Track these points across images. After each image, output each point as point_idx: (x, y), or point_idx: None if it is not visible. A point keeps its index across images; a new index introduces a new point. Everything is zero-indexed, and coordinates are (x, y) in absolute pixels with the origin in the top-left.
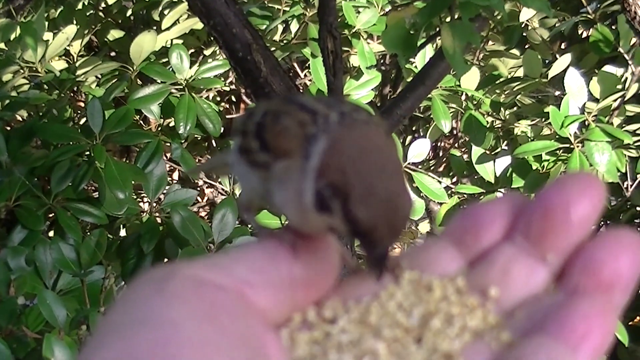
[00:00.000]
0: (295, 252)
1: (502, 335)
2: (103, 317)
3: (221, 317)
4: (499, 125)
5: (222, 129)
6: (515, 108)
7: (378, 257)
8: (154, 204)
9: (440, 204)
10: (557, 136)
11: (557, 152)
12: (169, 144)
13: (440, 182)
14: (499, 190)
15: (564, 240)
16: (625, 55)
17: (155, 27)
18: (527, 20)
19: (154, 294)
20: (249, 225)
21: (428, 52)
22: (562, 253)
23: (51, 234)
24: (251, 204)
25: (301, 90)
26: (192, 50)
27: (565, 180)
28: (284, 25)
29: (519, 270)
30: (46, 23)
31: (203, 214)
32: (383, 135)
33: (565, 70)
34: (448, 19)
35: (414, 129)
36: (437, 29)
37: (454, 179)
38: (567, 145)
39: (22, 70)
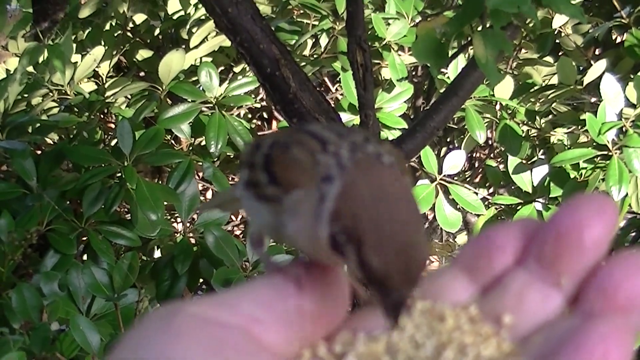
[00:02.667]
0: (303, 286)
1: None
2: (109, 357)
3: (228, 355)
4: (535, 134)
5: None
6: (550, 116)
7: (393, 304)
8: (187, 224)
9: (478, 215)
10: (594, 143)
11: (595, 159)
12: (200, 163)
13: (476, 193)
14: (536, 200)
15: (578, 263)
16: None
17: (183, 46)
18: (560, 27)
19: (159, 333)
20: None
21: (460, 62)
22: (577, 276)
23: (84, 257)
24: (262, 237)
25: (332, 105)
26: (222, 68)
27: (578, 203)
28: (314, 40)
29: (533, 297)
30: (74, 45)
31: (237, 232)
32: (398, 175)
33: (600, 77)
34: (479, 28)
35: (448, 140)
36: (469, 38)
37: (490, 190)
38: (605, 153)
39: (51, 93)
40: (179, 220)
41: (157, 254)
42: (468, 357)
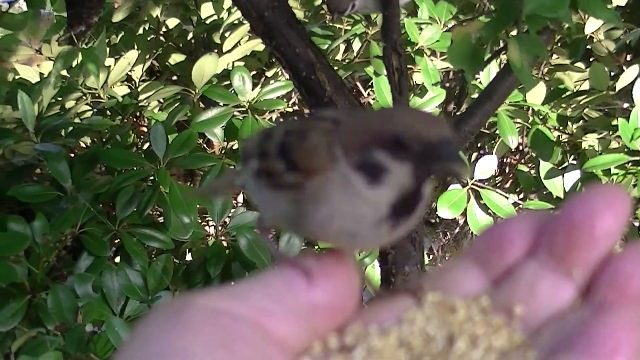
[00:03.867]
0: (314, 278)
1: (528, 354)
2: (120, 351)
3: (238, 346)
4: (566, 140)
5: None
6: (581, 122)
7: (447, 156)
8: (220, 228)
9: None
10: (626, 149)
11: (626, 165)
12: (232, 167)
13: (507, 198)
14: None
15: (589, 254)
16: None
17: (216, 50)
18: (592, 33)
19: (169, 326)
20: (316, 247)
21: (492, 67)
22: (588, 268)
23: (117, 260)
24: (274, 227)
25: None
26: (254, 72)
27: (589, 194)
28: (346, 45)
29: (544, 287)
30: (107, 49)
31: (269, 236)
32: None
33: (633, 82)
34: (514, 33)
35: (479, 145)
36: (503, 43)
37: (521, 196)
38: (637, 158)
39: (84, 97)
40: (211, 223)
41: (189, 257)
42: (479, 348)
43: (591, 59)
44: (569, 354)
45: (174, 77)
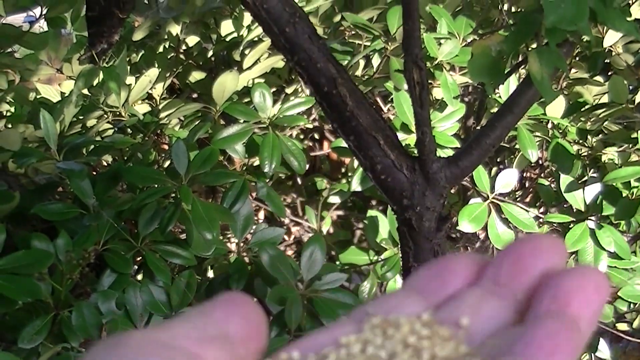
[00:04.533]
0: (229, 312)
1: None
2: None
3: None
4: (585, 153)
5: (307, 166)
6: (601, 135)
7: None
8: (241, 244)
9: (529, 234)
10: None
11: None
12: (253, 183)
13: (527, 212)
14: (589, 218)
15: (533, 282)
16: None
17: (236, 67)
18: (611, 46)
19: (108, 356)
20: (337, 262)
21: (511, 81)
22: (531, 293)
23: (139, 277)
24: None
25: (388, 124)
26: (274, 89)
27: (531, 236)
28: (366, 60)
29: (488, 307)
30: (128, 67)
31: (290, 252)
32: None
33: None
34: (534, 45)
35: (498, 160)
36: (523, 56)
37: (541, 210)
38: None
39: (106, 115)
40: (232, 239)
41: (210, 273)
42: (423, 358)
43: (609, 73)
44: (509, 358)
45: (194, 95)
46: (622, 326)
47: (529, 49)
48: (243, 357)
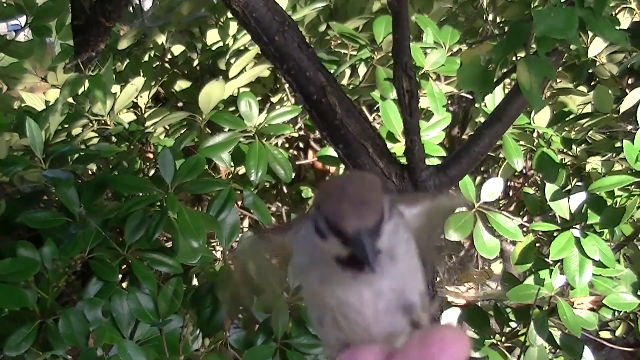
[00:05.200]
0: None
1: None
2: None
3: None
4: (569, 163)
5: (292, 175)
6: (585, 145)
7: (356, 245)
8: (227, 252)
9: (514, 243)
10: (629, 171)
11: (630, 187)
12: (239, 192)
13: (513, 220)
14: (574, 227)
15: None
16: None
17: (222, 76)
18: (595, 56)
19: None
20: None
21: (497, 91)
22: None
23: (124, 284)
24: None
25: (377, 132)
26: (259, 98)
27: (437, 328)
28: (352, 70)
29: None
30: (114, 76)
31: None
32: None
33: (636, 105)
34: (523, 54)
35: (482, 169)
36: (512, 65)
37: (525, 219)
38: None
39: (91, 124)
40: (217, 247)
41: (196, 282)
42: None
43: (592, 83)
44: None
45: (180, 104)
46: (606, 334)
47: (518, 58)
48: None
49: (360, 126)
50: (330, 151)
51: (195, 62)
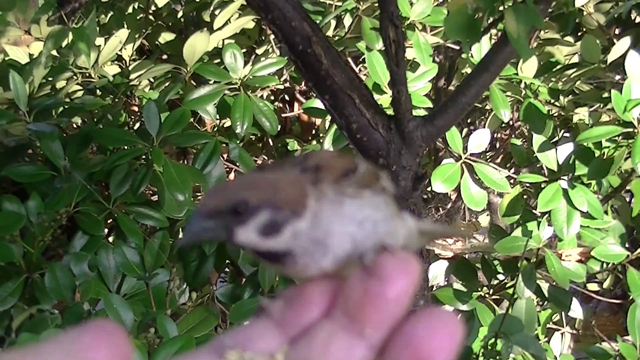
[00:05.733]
0: (99, 341)
1: None
2: None
3: None
4: (557, 114)
5: (278, 127)
6: (572, 95)
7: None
8: None
9: (501, 195)
10: (617, 121)
11: (617, 138)
12: (225, 145)
13: (500, 172)
14: (561, 178)
15: (382, 314)
16: None
17: (206, 28)
18: (582, 6)
19: None
20: None
21: (484, 41)
22: (381, 327)
23: (110, 239)
24: None
25: (364, 83)
26: (244, 50)
27: (385, 259)
28: (337, 20)
29: (338, 346)
30: (97, 28)
31: None
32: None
33: (624, 55)
34: (510, 2)
35: (469, 121)
36: (500, 14)
37: (512, 171)
38: (630, 130)
39: (75, 77)
40: None
41: (181, 235)
42: None
43: (579, 33)
44: None
45: (164, 56)
46: (593, 286)
47: (505, 6)
48: None
49: (346, 77)
50: (317, 103)
51: (180, 14)
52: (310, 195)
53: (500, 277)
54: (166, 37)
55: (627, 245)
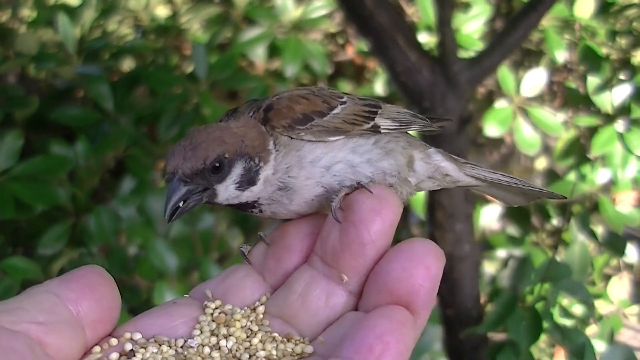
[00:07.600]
0: (80, 293)
1: None
2: None
3: None
4: (614, 57)
5: (330, 71)
6: (630, 36)
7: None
8: None
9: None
10: None
11: None
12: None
13: (555, 115)
14: (617, 121)
15: (359, 259)
16: None
17: None
18: None
19: None
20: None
21: None
22: (359, 272)
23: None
24: None
25: (408, 24)
26: None
27: (359, 200)
28: None
29: (317, 295)
30: None
31: None
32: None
33: None
34: None
35: (525, 64)
36: None
37: (569, 114)
38: None
39: (126, 20)
40: None
41: None
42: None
43: None
44: None
45: (215, 0)
46: None
47: None
48: (89, 341)
49: (390, 18)
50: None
51: None
52: (268, 139)
53: (554, 222)
54: None
55: None
